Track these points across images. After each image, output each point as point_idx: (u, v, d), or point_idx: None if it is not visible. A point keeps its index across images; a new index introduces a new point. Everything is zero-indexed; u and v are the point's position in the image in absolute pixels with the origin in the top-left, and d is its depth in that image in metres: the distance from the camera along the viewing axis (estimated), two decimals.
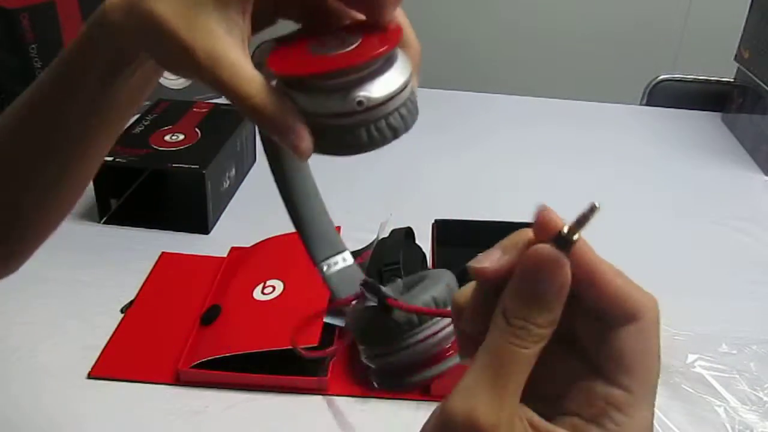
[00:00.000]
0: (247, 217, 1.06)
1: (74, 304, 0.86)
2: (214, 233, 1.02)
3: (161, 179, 1.12)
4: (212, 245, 0.98)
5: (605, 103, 1.55)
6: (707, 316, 0.88)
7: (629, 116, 1.53)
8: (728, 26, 1.63)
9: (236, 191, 1.12)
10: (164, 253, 0.96)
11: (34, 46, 1.12)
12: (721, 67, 1.58)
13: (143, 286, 0.90)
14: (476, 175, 1.23)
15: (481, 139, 1.36)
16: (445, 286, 0.44)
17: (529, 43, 2.42)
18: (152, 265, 0.94)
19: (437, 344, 0.44)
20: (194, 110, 1.14)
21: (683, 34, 2.37)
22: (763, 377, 0.80)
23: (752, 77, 1.37)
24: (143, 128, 1.07)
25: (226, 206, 1.08)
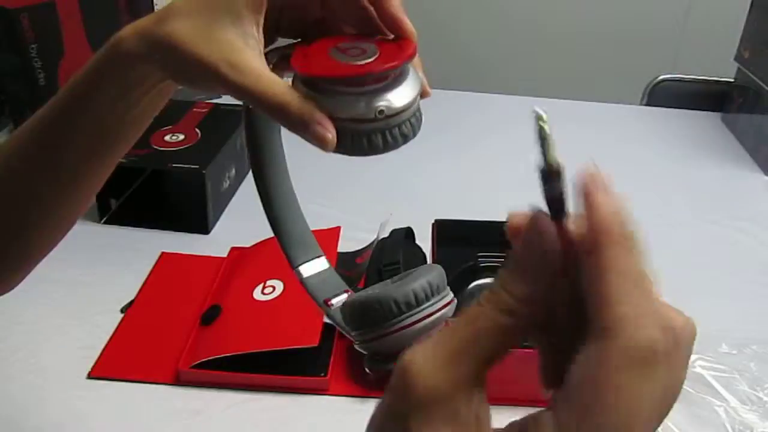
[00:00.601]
0: (247, 217, 1.05)
1: (74, 304, 0.86)
2: (214, 233, 1.02)
3: (161, 179, 1.12)
4: (212, 245, 0.98)
5: (605, 103, 1.55)
6: (707, 316, 0.87)
7: (629, 116, 1.53)
8: (728, 26, 1.63)
9: (236, 191, 1.12)
10: (164, 253, 0.96)
11: (34, 46, 1.12)
12: (721, 67, 1.58)
13: (143, 286, 0.90)
14: (476, 175, 1.23)
15: (480, 139, 1.36)
16: (438, 273, 0.44)
17: (529, 43, 2.42)
18: (152, 265, 0.94)
19: (433, 325, 0.44)
20: (194, 110, 1.14)
21: (683, 34, 2.37)
22: (763, 377, 0.80)
23: (752, 77, 1.37)
24: None
25: (226, 206, 1.08)
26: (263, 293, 0.83)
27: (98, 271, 0.92)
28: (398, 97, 0.38)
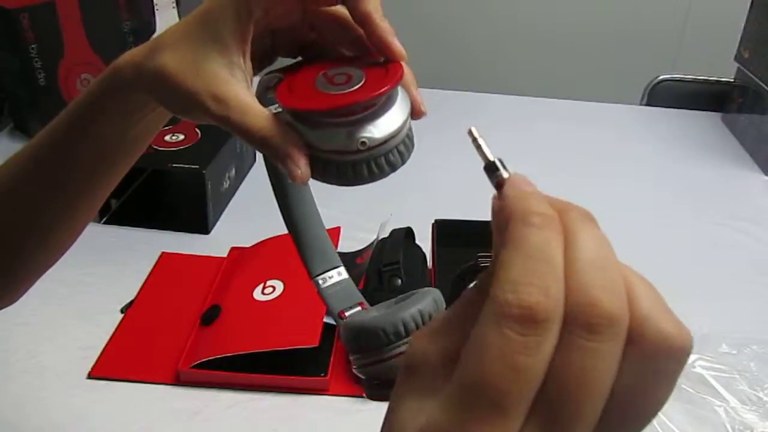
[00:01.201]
0: (247, 217, 1.06)
1: (74, 304, 0.86)
2: (214, 233, 1.02)
3: (161, 179, 1.12)
4: (212, 245, 0.98)
5: (605, 103, 1.55)
6: (707, 316, 0.88)
7: (629, 116, 1.53)
8: (728, 26, 1.64)
9: (236, 191, 1.12)
10: (164, 253, 0.96)
11: (34, 46, 1.12)
12: (721, 67, 1.58)
13: (143, 286, 0.90)
14: (476, 175, 1.22)
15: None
16: (431, 300, 0.44)
17: (528, 43, 2.42)
18: (152, 265, 0.94)
19: None
20: None
21: (683, 34, 2.37)
22: (763, 377, 0.80)
23: (752, 77, 1.37)
24: None
25: (226, 206, 1.08)
26: (263, 293, 0.83)
27: (98, 271, 0.92)
28: (382, 126, 0.38)
